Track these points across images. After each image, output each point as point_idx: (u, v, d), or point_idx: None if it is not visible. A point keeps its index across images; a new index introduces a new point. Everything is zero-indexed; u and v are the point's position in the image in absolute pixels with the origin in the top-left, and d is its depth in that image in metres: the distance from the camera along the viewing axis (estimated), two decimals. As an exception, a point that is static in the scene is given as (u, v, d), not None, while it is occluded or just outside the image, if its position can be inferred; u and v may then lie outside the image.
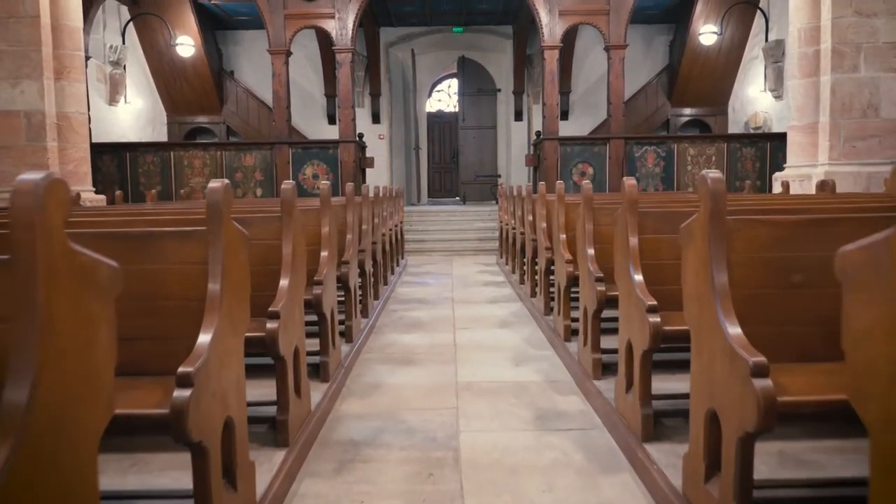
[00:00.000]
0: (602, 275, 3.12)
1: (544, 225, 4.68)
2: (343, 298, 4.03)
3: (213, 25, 12.25)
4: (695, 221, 1.97)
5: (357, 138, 9.71)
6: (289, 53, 9.28)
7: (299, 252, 2.76)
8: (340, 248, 4.08)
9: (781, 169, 9.36)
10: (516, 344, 4.20)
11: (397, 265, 7.84)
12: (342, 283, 3.90)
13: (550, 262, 4.48)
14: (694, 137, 9.62)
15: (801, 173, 7.58)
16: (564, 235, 3.99)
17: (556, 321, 4.13)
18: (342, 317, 3.93)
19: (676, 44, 12.47)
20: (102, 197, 8.45)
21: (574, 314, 3.89)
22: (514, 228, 6.77)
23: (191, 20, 11.10)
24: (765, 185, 9.41)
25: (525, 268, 6.03)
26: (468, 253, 9.73)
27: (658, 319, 2.35)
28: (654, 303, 2.39)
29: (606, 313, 3.15)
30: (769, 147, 9.43)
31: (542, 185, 4.79)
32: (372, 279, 5.25)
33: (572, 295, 4.00)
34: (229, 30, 12.79)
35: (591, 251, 3.28)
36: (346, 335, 4.03)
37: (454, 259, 9.25)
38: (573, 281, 3.76)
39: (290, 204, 2.74)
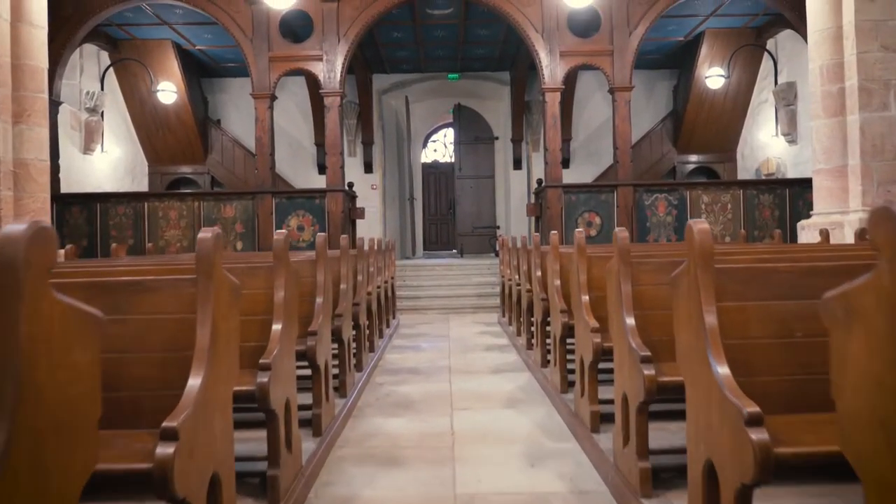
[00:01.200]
0: (649, 353, 2.35)
1: (558, 282, 3.92)
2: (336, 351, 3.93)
3: (199, 72, 11.76)
4: (682, 272, 2.00)
5: (346, 187, 9.06)
6: (273, 98, 8.71)
7: (292, 302, 2.73)
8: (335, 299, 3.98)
9: (802, 217, 8.74)
10: (529, 432, 3.39)
11: (387, 326, 7.04)
12: (336, 336, 3.80)
13: (568, 328, 3.70)
14: (707, 184, 8.99)
15: (831, 220, 6.89)
16: (587, 297, 3.23)
17: (579, 404, 3.33)
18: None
19: (680, 89, 12.01)
20: (59, 251, 7.74)
21: (603, 393, 3.11)
22: (518, 285, 6.02)
23: (174, 66, 10.60)
24: (785, 234, 8.73)
25: (533, 329, 5.25)
26: (467, 311, 8.95)
27: (652, 371, 2.29)
28: (648, 353, 2.34)
29: (658, 405, 2.38)
30: (788, 194, 8.78)
31: (553, 234, 4.05)
32: (353, 348, 4.48)
33: (601, 369, 3.22)
34: (216, 77, 12.31)
35: (630, 321, 2.52)
36: (340, 390, 3.95)
37: (451, 318, 8.47)
38: (602, 354, 2.99)
39: (283, 252, 2.74)
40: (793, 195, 8.77)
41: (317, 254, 3.61)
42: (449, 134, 19.19)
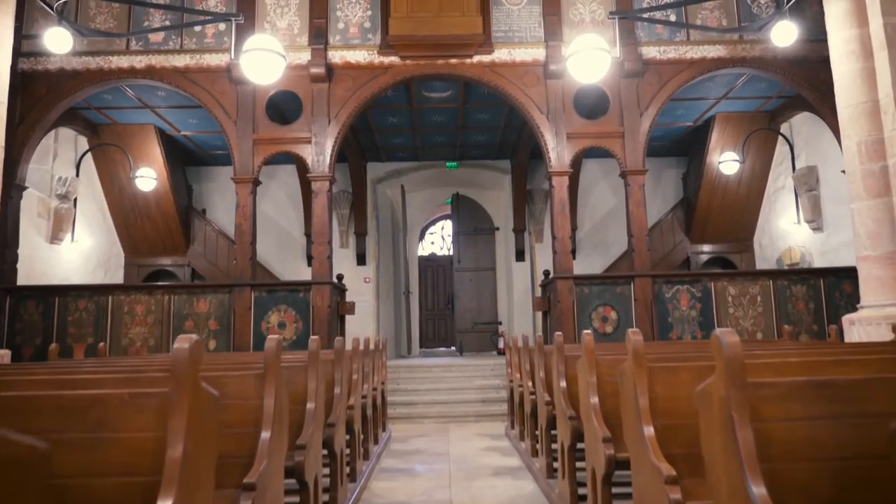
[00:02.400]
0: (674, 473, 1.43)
1: (595, 400, 2.94)
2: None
3: (184, 159, 11.19)
4: (711, 386, 1.80)
5: (335, 279, 8.20)
6: (256, 182, 8.01)
7: (282, 415, 2.42)
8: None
9: (841, 309, 7.85)
10: None
11: (375, 443, 5.95)
12: (327, 447, 3.43)
13: (612, 461, 2.72)
14: (734, 274, 8.15)
15: (885, 314, 6.02)
16: (598, 401, 2.31)
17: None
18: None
19: (690, 176, 11.45)
20: (6, 352, 6.77)
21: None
22: (531, 393, 5.02)
23: (157, 153, 10.02)
24: (822, 330, 7.82)
25: (548, 442, 4.23)
26: (469, 419, 7.85)
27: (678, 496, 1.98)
28: (673, 473, 2.04)
29: None
30: (823, 284, 7.94)
31: (586, 334, 3.12)
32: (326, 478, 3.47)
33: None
34: (202, 165, 11.76)
35: (649, 431, 1.63)
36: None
37: (451, 429, 7.37)
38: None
39: (275, 359, 2.41)
40: (828, 286, 7.92)
41: (309, 359, 3.12)
42: (447, 226, 18.65)
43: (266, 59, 6.23)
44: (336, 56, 8.07)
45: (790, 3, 6.32)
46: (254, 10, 8.12)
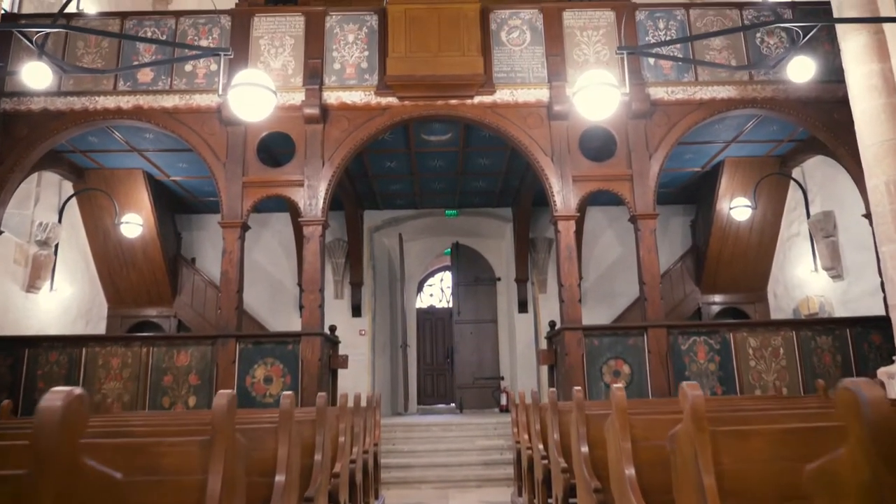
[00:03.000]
0: None
1: (631, 472, 2.38)
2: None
3: (173, 206, 10.80)
4: (680, 431, 1.92)
5: (327, 331, 7.67)
6: (245, 227, 7.57)
7: (233, 495, 1.86)
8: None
9: (870, 362, 7.31)
10: None
11: (367, 512, 5.31)
12: None
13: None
14: (754, 324, 7.63)
15: (924, 367, 5.48)
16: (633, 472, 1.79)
17: None
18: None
19: (699, 223, 11.05)
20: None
21: None
22: (543, 457, 4.43)
23: (144, 198, 9.62)
24: (852, 386, 7.23)
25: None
26: (470, 484, 7.18)
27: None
28: None
29: None
30: (850, 335, 7.41)
31: (617, 388, 2.58)
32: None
33: None
34: (193, 213, 11.36)
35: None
36: None
37: (451, 495, 6.71)
38: None
39: (225, 421, 1.85)
40: (855, 336, 7.39)
41: (280, 418, 2.62)
42: (446, 278, 18.17)
43: (255, 95, 5.86)
44: (331, 97, 7.76)
45: (806, 38, 6.02)
46: (247, 50, 7.86)
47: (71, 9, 8.56)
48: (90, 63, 7.81)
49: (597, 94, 5.96)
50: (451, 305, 15.53)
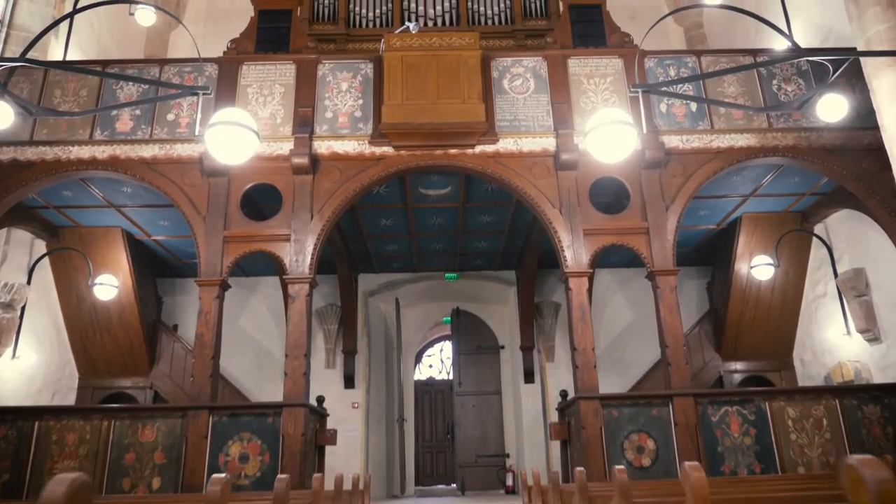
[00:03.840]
0: None
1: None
2: None
3: (155, 269, 10.13)
4: None
5: (314, 402, 6.86)
6: (224, 286, 6.89)
7: None
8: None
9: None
10: None
11: None
12: None
13: None
14: (792, 392, 6.80)
15: None
16: None
17: None
18: None
19: (716, 285, 10.36)
20: None
21: None
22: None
23: (122, 259, 8.97)
24: (907, 463, 6.35)
25: None
26: (475, 582, 6.19)
27: None
28: None
29: None
30: (900, 405, 6.59)
31: (619, 470, 1.88)
32: None
33: None
34: (176, 277, 10.68)
35: None
36: None
37: None
38: None
39: None
40: (906, 407, 6.57)
41: None
42: (446, 348, 17.32)
43: (235, 135, 5.32)
44: (322, 146, 7.25)
45: (836, 75, 5.54)
46: (234, 99, 7.41)
47: (57, 57, 8.21)
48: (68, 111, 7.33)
49: (611, 133, 5.42)
50: (451, 377, 14.64)
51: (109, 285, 8.59)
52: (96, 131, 7.27)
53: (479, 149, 7.26)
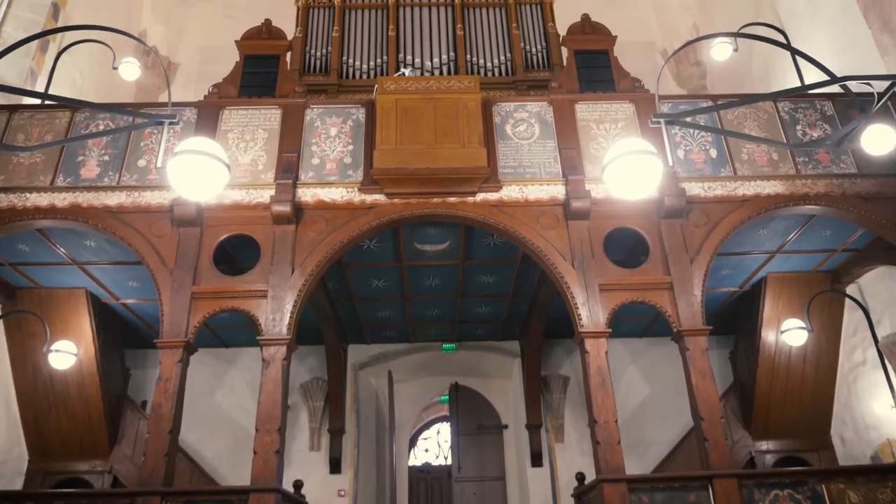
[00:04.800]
0: None
1: None
2: None
3: (123, 337, 9.18)
4: None
5: (289, 487, 5.83)
6: (189, 349, 6.00)
7: None
8: None
9: None
10: None
11: None
12: None
13: None
14: (853, 471, 5.78)
15: None
16: None
17: None
18: None
19: (741, 355, 9.44)
20: None
21: None
22: None
23: (85, 325, 8.08)
24: None
25: None
26: None
27: None
28: None
29: None
30: (980, 489, 5.58)
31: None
32: None
33: None
34: (149, 348, 9.65)
35: None
36: None
37: None
38: None
39: None
40: None
41: None
42: (443, 430, 16.13)
43: (203, 166, 4.61)
44: (307, 193, 6.56)
45: (880, 103, 4.93)
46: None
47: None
48: (28, 159, 6.68)
49: (633, 164, 4.72)
50: (449, 462, 13.41)
51: (67, 352, 7.65)
52: (58, 177, 6.60)
53: (480, 196, 6.58)
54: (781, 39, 9.23)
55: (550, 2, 9.17)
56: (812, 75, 8.53)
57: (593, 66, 7.66)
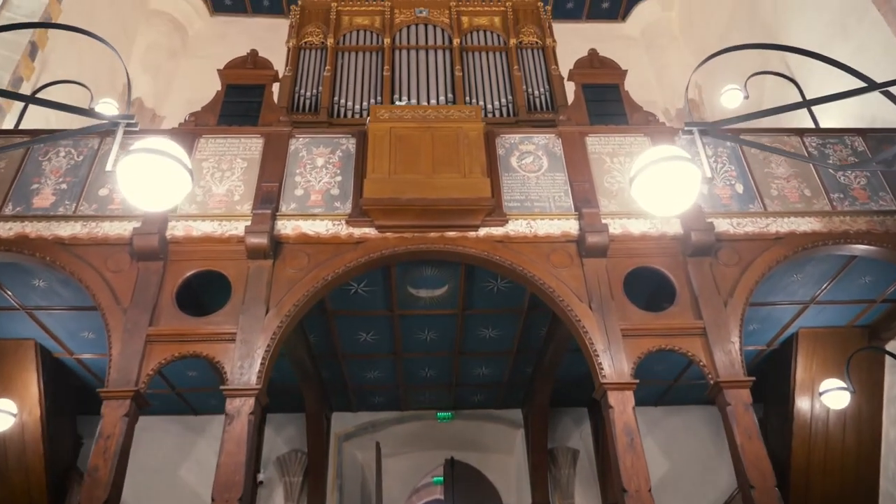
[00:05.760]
0: None
1: None
2: None
3: (76, 400, 8.04)
4: None
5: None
6: (140, 401, 5.06)
7: None
8: None
9: None
10: None
11: None
12: None
13: None
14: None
15: None
16: None
17: None
18: None
19: (772, 423, 8.43)
20: None
21: None
22: None
23: (32, 382, 7.09)
24: None
25: None
26: None
27: None
28: None
29: None
30: None
31: None
32: None
33: None
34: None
35: None
36: None
37: None
38: None
39: None
40: None
41: None
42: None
43: (160, 169, 3.88)
44: (287, 226, 5.80)
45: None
46: (184, 172, 6.09)
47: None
48: (-24, 187, 5.94)
49: (667, 172, 4.04)
50: (442, 550, 12.03)
51: (5, 412, 6.63)
52: (7, 206, 5.84)
53: (483, 231, 5.84)
54: (794, 89, 8.85)
55: (553, 46, 8.79)
56: (829, 119, 8.09)
57: (603, 99, 7.15)
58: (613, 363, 5.23)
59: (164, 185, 4.00)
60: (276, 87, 7.26)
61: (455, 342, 7.60)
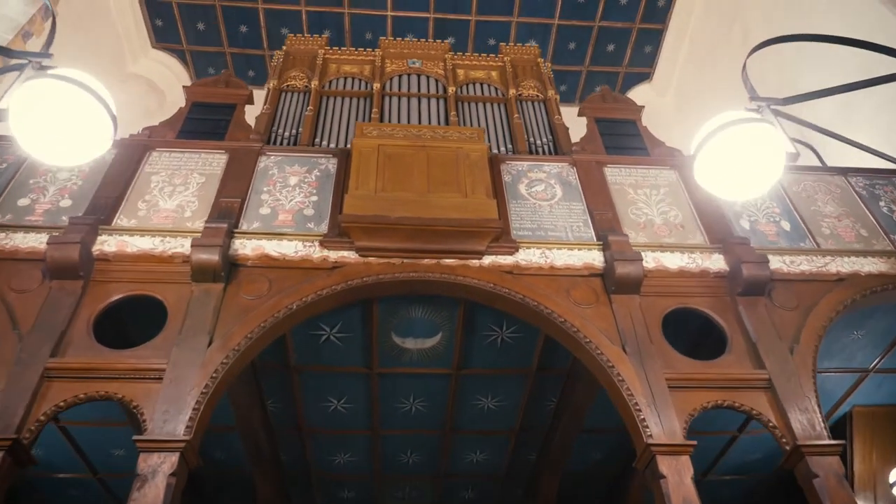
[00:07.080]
0: None
1: None
2: None
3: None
4: None
5: None
6: (20, 453, 3.67)
7: None
8: None
9: None
10: None
11: None
12: None
13: None
14: None
15: None
16: None
17: None
18: None
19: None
20: None
21: None
22: None
23: None
24: None
25: None
26: None
27: None
28: None
29: None
30: None
31: None
32: None
33: None
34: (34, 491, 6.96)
35: None
36: None
37: None
38: None
39: None
40: None
41: None
42: None
43: (70, 107, 2.84)
44: (247, 246, 4.69)
45: None
46: (125, 183, 5.04)
47: None
48: None
49: (744, 139, 3.12)
50: None
51: None
52: None
53: (489, 260, 4.77)
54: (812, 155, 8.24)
55: (556, 98, 8.13)
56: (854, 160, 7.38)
57: (618, 133, 6.37)
58: (661, 421, 4.01)
59: (75, 130, 2.95)
60: (248, 110, 6.36)
61: (447, 414, 6.25)
